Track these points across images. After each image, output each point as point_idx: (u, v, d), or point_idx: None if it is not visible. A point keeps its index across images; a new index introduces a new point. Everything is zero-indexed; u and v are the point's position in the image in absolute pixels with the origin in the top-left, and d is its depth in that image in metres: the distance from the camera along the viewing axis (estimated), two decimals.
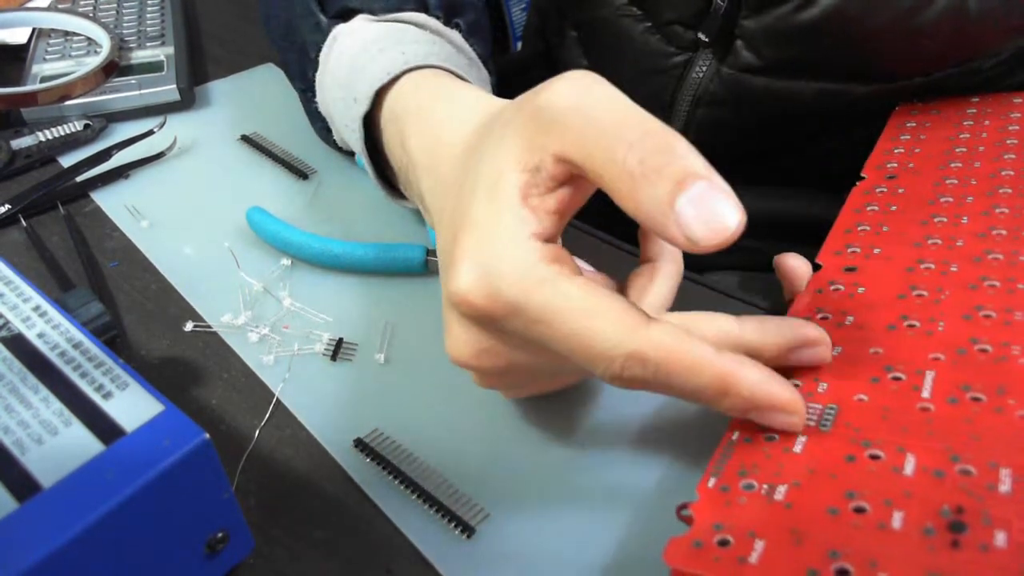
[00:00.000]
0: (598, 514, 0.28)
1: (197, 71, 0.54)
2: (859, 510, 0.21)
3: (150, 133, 0.45)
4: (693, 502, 0.23)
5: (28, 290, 0.27)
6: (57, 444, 0.22)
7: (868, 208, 0.34)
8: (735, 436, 0.25)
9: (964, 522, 0.20)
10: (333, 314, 0.36)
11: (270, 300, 0.36)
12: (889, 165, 0.37)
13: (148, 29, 0.55)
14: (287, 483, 0.29)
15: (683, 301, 0.28)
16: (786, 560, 0.20)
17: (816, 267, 0.31)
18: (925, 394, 0.24)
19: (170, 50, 0.52)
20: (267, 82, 0.53)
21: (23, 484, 0.21)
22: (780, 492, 0.22)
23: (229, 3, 0.63)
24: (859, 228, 0.33)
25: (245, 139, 0.46)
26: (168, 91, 0.48)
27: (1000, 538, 0.19)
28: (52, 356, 0.24)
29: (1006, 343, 0.25)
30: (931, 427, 0.23)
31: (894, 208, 0.34)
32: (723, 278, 0.48)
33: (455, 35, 0.37)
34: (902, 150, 0.38)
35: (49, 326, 0.26)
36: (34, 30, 0.55)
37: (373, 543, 0.28)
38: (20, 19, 0.55)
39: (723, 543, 0.21)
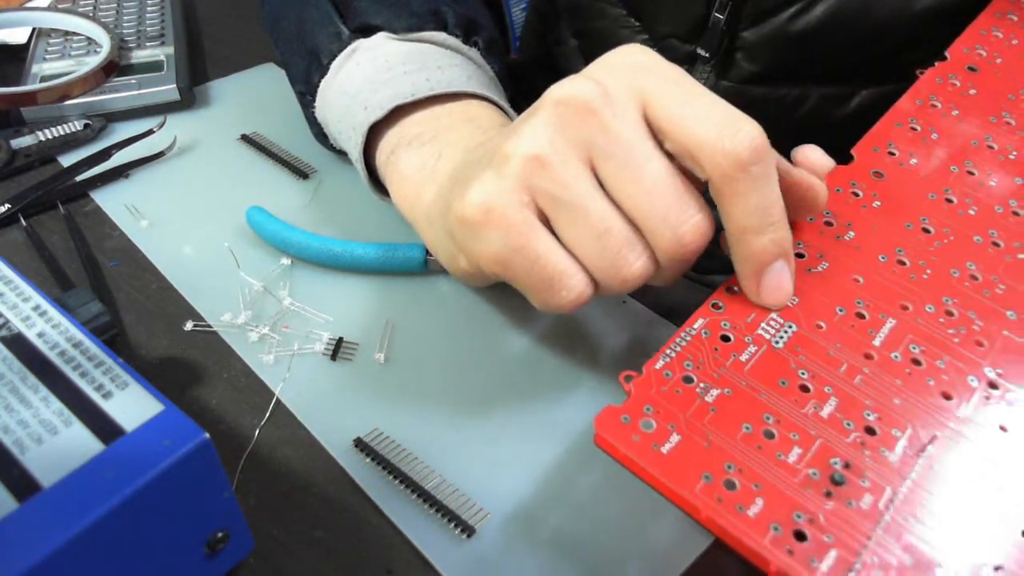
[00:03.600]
0: (599, 514, 0.28)
1: (197, 71, 0.54)
2: (768, 435, 0.22)
3: (150, 133, 0.45)
4: (639, 376, 0.24)
5: (28, 289, 0.27)
6: (57, 444, 0.22)
7: (931, 102, 0.32)
8: (697, 324, 0.25)
9: (846, 477, 0.21)
10: (333, 314, 0.36)
11: (270, 300, 0.36)
12: (978, 51, 0.35)
13: (148, 29, 0.55)
14: (287, 483, 0.29)
15: (685, 301, 0.28)
16: (690, 459, 0.22)
17: (848, 159, 0.30)
18: (876, 342, 0.25)
19: (170, 50, 0.52)
20: (267, 82, 0.52)
21: (23, 484, 0.21)
22: (712, 395, 0.23)
23: (229, 3, 0.63)
24: (910, 125, 0.32)
25: (245, 139, 0.46)
26: (168, 91, 0.48)
27: (867, 500, 0.21)
28: (52, 356, 0.24)
29: (972, 313, 0.25)
30: (864, 377, 0.24)
31: (955, 113, 0.32)
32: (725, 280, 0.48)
33: (474, 53, 0.38)
34: (1000, 34, 0.35)
35: (49, 326, 0.25)
36: (34, 30, 0.55)
37: (373, 543, 0.28)
38: (20, 19, 0.55)
39: (646, 426, 0.23)
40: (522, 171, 0.25)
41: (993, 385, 0.24)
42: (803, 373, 0.24)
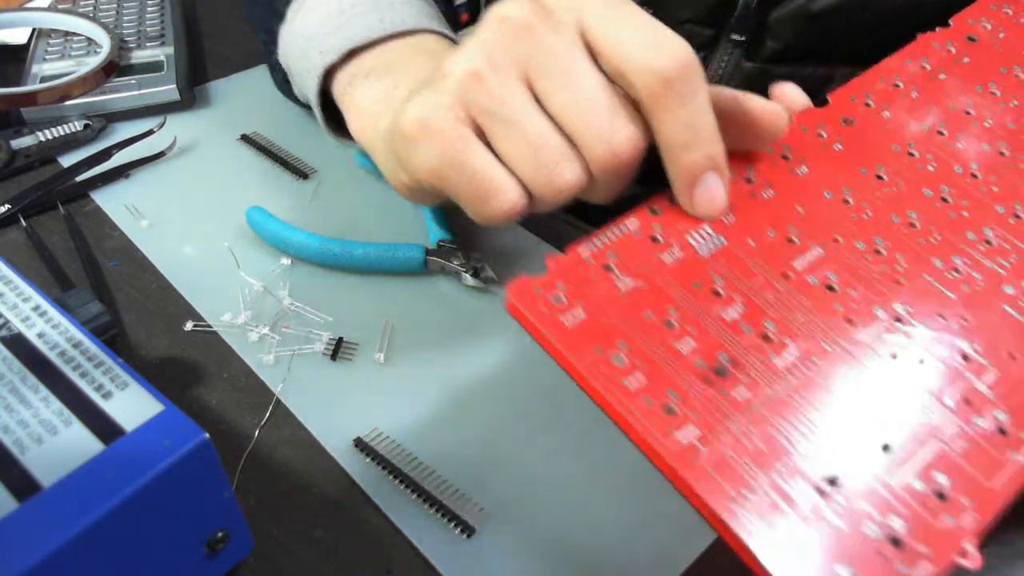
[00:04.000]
0: (599, 514, 0.28)
1: (197, 71, 0.54)
2: (668, 324, 0.23)
3: (150, 133, 0.45)
4: (562, 256, 0.25)
5: (28, 290, 0.27)
6: (57, 444, 0.22)
7: (921, 64, 0.33)
8: (630, 223, 0.26)
9: (728, 371, 0.22)
10: (333, 314, 0.36)
11: (270, 300, 0.36)
12: (983, 24, 0.35)
13: (148, 29, 0.55)
14: (287, 483, 0.29)
15: None
16: (588, 334, 0.23)
17: (824, 103, 0.31)
18: (797, 265, 0.25)
19: (170, 50, 0.52)
20: (267, 82, 0.52)
21: (23, 484, 0.21)
22: (626, 284, 0.24)
23: (229, 3, 0.63)
24: (894, 81, 0.32)
25: (245, 139, 0.46)
26: (168, 91, 0.48)
27: (741, 393, 0.22)
28: (52, 356, 0.24)
29: (900, 255, 0.26)
30: (775, 293, 0.25)
31: (943, 77, 0.32)
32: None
33: None
34: (1010, 11, 0.36)
35: (49, 326, 0.25)
36: (34, 30, 0.55)
37: (373, 543, 0.28)
38: (20, 19, 0.55)
39: (555, 299, 0.23)
40: (459, 87, 0.26)
41: (899, 319, 0.24)
42: (718, 280, 0.25)
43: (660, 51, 0.24)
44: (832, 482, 0.21)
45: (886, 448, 0.22)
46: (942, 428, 0.22)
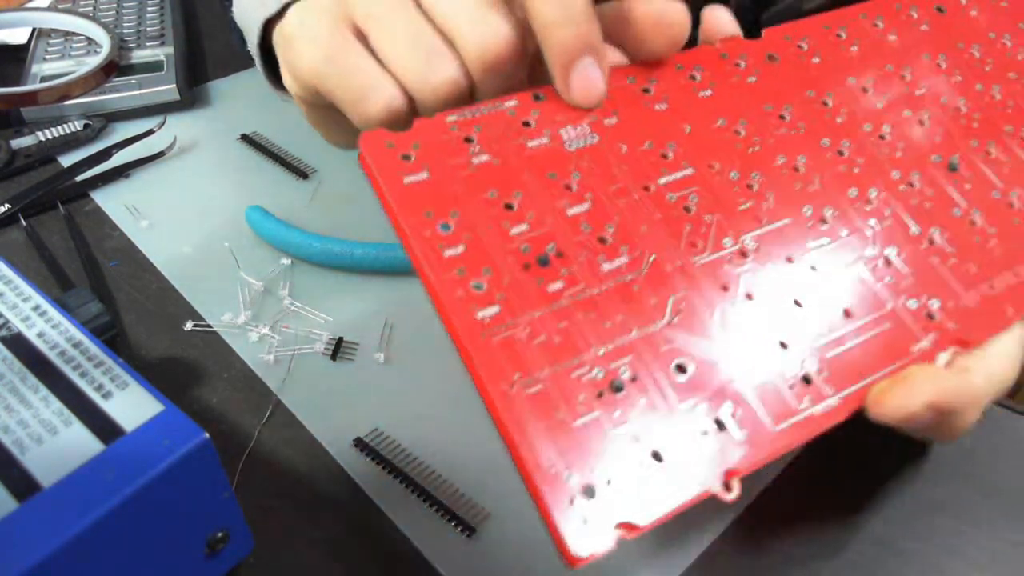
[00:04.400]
0: None
1: (197, 71, 0.54)
2: (507, 206, 0.23)
3: (150, 133, 0.45)
4: (425, 119, 0.25)
5: (28, 289, 0.27)
6: (57, 444, 0.22)
7: (874, 22, 0.32)
8: (508, 103, 0.26)
9: (551, 261, 0.22)
10: (333, 314, 0.36)
11: (270, 300, 0.36)
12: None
13: (148, 29, 0.55)
14: (287, 483, 0.29)
15: None
16: (423, 195, 0.23)
17: (755, 36, 0.30)
18: (661, 180, 0.25)
19: (170, 50, 0.52)
20: (267, 82, 0.52)
21: (23, 484, 0.21)
22: (480, 158, 0.24)
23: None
24: (837, 32, 0.31)
25: (245, 139, 0.46)
26: (168, 91, 0.48)
27: (555, 286, 0.22)
28: (52, 355, 0.24)
29: (771, 194, 0.26)
30: (629, 201, 0.24)
31: (893, 38, 0.32)
32: None
33: None
34: None
35: (49, 325, 0.25)
36: (34, 30, 0.55)
37: (373, 543, 0.28)
38: (20, 19, 0.55)
39: (404, 157, 0.23)
40: None
41: (743, 253, 0.24)
42: (575, 175, 0.24)
43: None
44: (617, 389, 0.21)
45: (680, 369, 0.22)
46: (747, 365, 0.22)
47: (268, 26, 0.36)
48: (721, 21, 0.29)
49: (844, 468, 0.29)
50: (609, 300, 0.22)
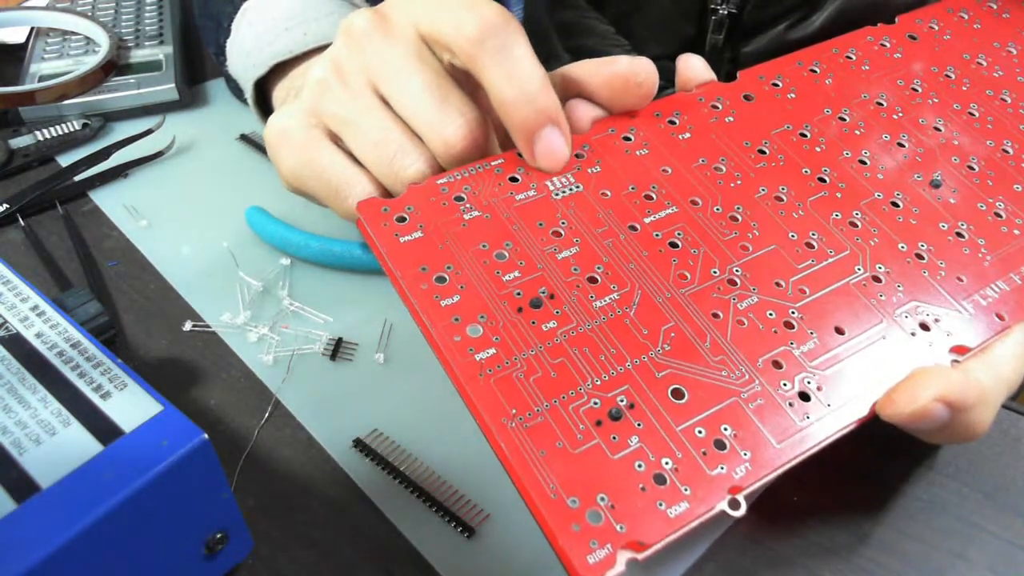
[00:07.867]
0: None
1: (196, 70, 0.53)
2: (499, 256, 0.24)
3: (149, 132, 0.45)
4: (418, 184, 0.26)
5: (26, 290, 0.27)
6: (55, 444, 0.22)
7: (847, 54, 0.33)
8: (495, 161, 0.27)
9: (543, 303, 0.24)
10: (332, 314, 0.36)
11: (269, 300, 0.36)
12: (931, 25, 0.35)
13: (147, 28, 0.55)
14: (286, 483, 0.29)
15: None
16: (419, 253, 0.24)
17: (731, 79, 0.31)
18: (647, 220, 0.26)
19: (168, 49, 0.52)
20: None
21: (21, 484, 0.21)
22: (471, 215, 0.25)
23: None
24: (811, 66, 0.32)
25: (244, 138, 0.46)
26: (167, 90, 0.48)
27: (549, 325, 0.23)
28: (50, 356, 0.24)
29: (755, 224, 0.26)
30: (616, 241, 0.25)
31: (866, 67, 0.32)
32: None
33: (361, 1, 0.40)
34: (966, 16, 0.35)
35: (47, 326, 0.25)
36: (32, 29, 0.54)
37: (373, 544, 0.28)
38: (18, 18, 0.54)
39: (399, 219, 0.25)
40: (311, 96, 0.29)
41: (732, 282, 0.25)
42: (563, 222, 0.26)
43: (468, 16, 0.26)
44: (615, 417, 0.21)
45: (677, 394, 0.22)
46: (744, 384, 0.23)
47: (262, 84, 0.39)
48: (695, 69, 0.31)
49: (845, 468, 0.29)
50: (602, 334, 0.23)
